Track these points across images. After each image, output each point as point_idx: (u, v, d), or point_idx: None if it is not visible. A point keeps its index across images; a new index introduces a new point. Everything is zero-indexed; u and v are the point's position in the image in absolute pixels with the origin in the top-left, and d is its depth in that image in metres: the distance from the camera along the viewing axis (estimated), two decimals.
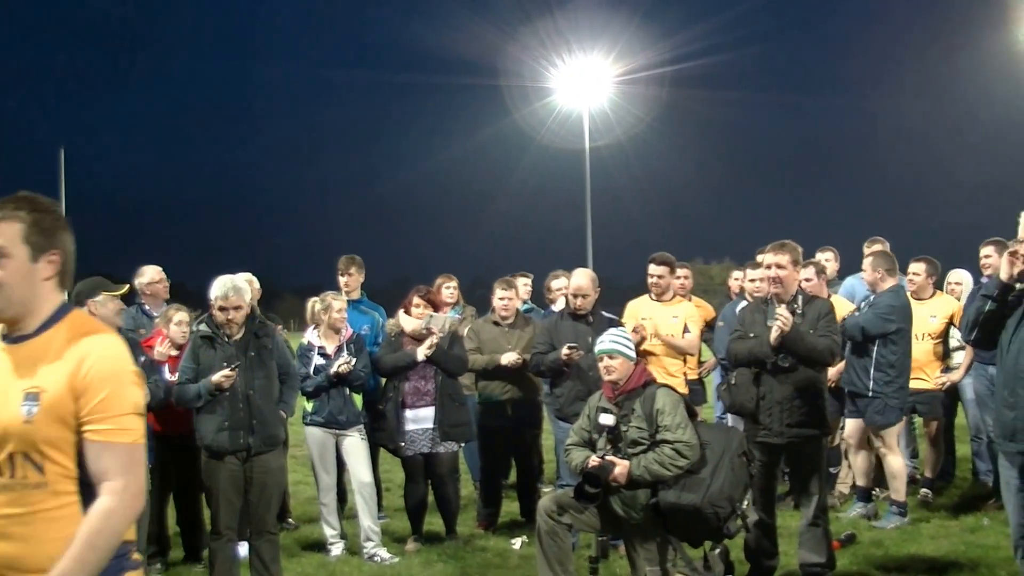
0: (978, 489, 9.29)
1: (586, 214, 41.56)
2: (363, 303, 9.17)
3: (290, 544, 8.16)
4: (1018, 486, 5.52)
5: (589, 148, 41.95)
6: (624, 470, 6.08)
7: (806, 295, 6.92)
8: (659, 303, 8.46)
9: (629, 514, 6.19)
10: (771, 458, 6.79)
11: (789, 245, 6.83)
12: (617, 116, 45.55)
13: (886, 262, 8.49)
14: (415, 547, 8.08)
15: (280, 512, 8.00)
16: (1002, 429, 5.51)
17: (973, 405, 9.07)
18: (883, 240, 9.79)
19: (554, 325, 8.14)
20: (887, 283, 8.36)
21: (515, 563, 7.58)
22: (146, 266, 8.51)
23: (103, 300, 6.31)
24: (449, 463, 8.22)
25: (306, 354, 8.01)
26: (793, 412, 6.61)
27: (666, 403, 6.19)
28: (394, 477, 10.13)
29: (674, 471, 6.02)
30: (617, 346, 6.39)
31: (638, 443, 6.17)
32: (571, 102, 43.22)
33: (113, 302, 6.33)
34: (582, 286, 7.91)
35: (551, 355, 7.87)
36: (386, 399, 8.17)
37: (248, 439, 6.60)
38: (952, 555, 7.30)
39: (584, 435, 6.47)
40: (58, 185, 44.54)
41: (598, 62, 43.05)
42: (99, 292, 6.31)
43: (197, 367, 6.67)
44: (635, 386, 6.33)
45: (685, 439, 6.07)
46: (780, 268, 6.75)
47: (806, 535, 6.77)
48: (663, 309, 8.40)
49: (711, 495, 6.00)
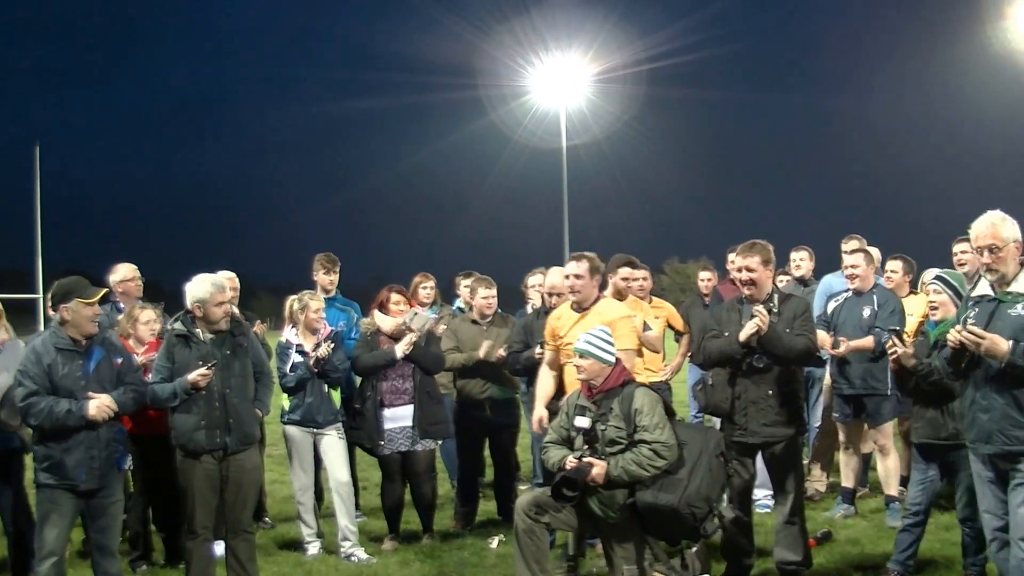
0: (953, 487, 9.31)
1: (563, 213, 41.62)
2: (338, 300, 9.15)
3: (266, 543, 8.13)
4: (990, 478, 5.65)
5: (566, 147, 42.03)
6: (601, 471, 6.07)
7: (781, 294, 6.94)
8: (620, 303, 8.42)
9: (606, 513, 6.19)
10: (747, 457, 6.82)
11: (758, 245, 6.84)
12: (594, 115, 45.65)
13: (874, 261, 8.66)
14: (392, 546, 8.07)
15: (256, 511, 7.96)
16: (977, 433, 5.60)
17: None
18: (860, 238, 9.81)
19: (530, 323, 8.14)
20: (871, 282, 8.46)
21: (492, 562, 7.58)
22: (119, 264, 8.46)
23: (74, 306, 6.17)
24: (426, 462, 8.22)
25: (285, 352, 7.98)
26: (768, 412, 6.64)
27: (644, 403, 6.19)
28: (371, 476, 10.10)
29: (652, 471, 6.02)
30: (589, 347, 6.35)
31: (616, 443, 6.16)
32: (548, 101, 43.25)
33: (87, 308, 6.19)
34: (557, 284, 7.89)
35: (526, 353, 7.89)
36: (364, 398, 8.15)
37: (224, 438, 6.57)
38: (927, 553, 7.32)
39: (562, 433, 6.46)
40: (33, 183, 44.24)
41: (575, 61, 43.12)
42: (71, 298, 6.17)
43: (172, 366, 6.61)
44: (613, 385, 6.32)
45: (663, 439, 6.07)
46: (750, 271, 6.76)
47: (782, 533, 6.80)
48: (623, 309, 8.36)
49: (688, 496, 6.00)
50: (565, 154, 41.89)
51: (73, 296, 6.16)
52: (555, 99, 42.67)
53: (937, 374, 6.16)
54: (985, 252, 5.53)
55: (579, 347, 6.40)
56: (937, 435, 6.64)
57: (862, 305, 8.37)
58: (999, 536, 5.68)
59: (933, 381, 6.30)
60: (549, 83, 42.55)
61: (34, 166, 44.42)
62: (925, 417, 6.71)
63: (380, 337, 8.18)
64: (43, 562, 6.17)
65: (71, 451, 6.11)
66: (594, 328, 6.62)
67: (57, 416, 6.02)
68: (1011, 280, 5.51)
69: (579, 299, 7.04)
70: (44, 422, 6.03)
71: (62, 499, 6.18)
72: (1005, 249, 5.48)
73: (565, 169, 41.73)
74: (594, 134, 48.19)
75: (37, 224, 44.30)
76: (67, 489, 6.16)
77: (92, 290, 6.27)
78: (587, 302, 7.03)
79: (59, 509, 6.18)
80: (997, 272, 5.52)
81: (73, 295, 6.17)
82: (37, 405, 6.02)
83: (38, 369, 6.10)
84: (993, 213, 5.61)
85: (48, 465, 6.13)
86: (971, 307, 5.71)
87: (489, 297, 8.87)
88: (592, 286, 7.06)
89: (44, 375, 6.10)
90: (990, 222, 5.55)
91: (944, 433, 6.59)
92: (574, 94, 43.13)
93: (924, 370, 6.37)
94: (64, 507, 6.20)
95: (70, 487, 6.15)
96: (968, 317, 5.65)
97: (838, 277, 9.26)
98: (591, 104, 44.87)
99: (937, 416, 6.62)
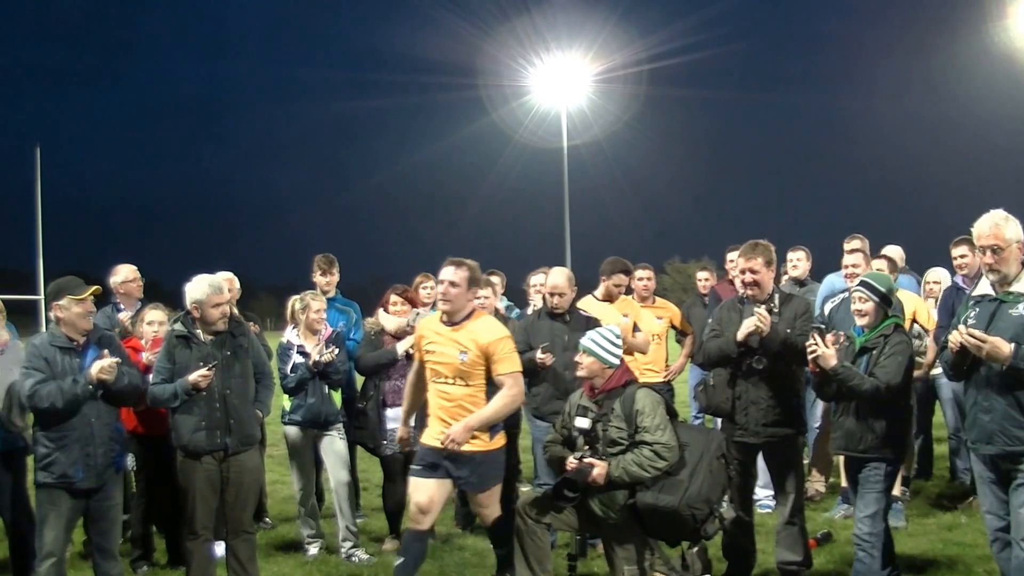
0: (955, 487, 9.34)
1: (564, 213, 41.62)
2: (337, 300, 9.13)
3: (267, 544, 8.13)
4: (991, 479, 5.64)
5: (567, 147, 42.02)
6: (602, 471, 6.07)
7: (783, 294, 6.93)
8: (608, 304, 8.45)
9: (607, 514, 6.18)
10: (748, 458, 6.81)
11: (761, 246, 6.82)
12: (595, 115, 45.60)
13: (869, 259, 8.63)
14: (393, 546, 8.05)
15: (257, 512, 7.96)
16: (979, 433, 5.59)
17: (950, 404, 9.11)
18: (862, 237, 9.80)
19: (531, 324, 8.12)
20: None
21: (493, 562, 7.54)
22: (120, 265, 8.48)
23: (66, 303, 6.24)
24: None
25: (286, 352, 7.97)
26: (768, 412, 6.64)
27: (646, 404, 6.19)
28: (372, 476, 10.10)
29: (653, 472, 6.02)
30: (593, 346, 6.36)
31: (617, 443, 6.16)
32: (549, 101, 43.24)
33: (78, 305, 6.25)
34: (558, 285, 7.89)
35: (526, 355, 7.85)
36: (367, 398, 8.15)
37: (225, 439, 6.56)
38: (929, 553, 7.33)
39: (564, 433, 6.47)
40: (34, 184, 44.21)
41: (576, 61, 43.11)
42: (63, 296, 6.24)
43: (173, 367, 6.61)
44: (615, 386, 6.33)
45: (664, 440, 6.06)
46: (754, 272, 6.75)
47: (783, 533, 6.79)
48: (611, 310, 8.38)
49: (689, 497, 6.01)
50: (566, 154, 41.91)
51: (65, 294, 6.27)
52: (556, 99, 42.65)
53: (858, 379, 6.02)
54: (987, 252, 5.52)
55: (583, 344, 6.41)
56: (855, 447, 6.24)
57: None
58: (1001, 536, 5.68)
59: (851, 387, 6.05)
60: (550, 83, 42.53)
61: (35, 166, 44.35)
62: (844, 427, 6.30)
63: (384, 337, 8.18)
64: (43, 563, 6.20)
65: (68, 449, 6.16)
66: (603, 327, 6.62)
67: (65, 390, 6.09)
68: (1012, 280, 5.50)
69: (449, 309, 6.29)
70: (56, 400, 6.07)
71: (61, 499, 6.22)
72: (1008, 250, 5.47)
73: (566, 169, 41.75)
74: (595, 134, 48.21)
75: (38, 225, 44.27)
76: (65, 488, 6.20)
77: (83, 288, 6.34)
78: (458, 315, 6.31)
79: (58, 510, 6.21)
80: (999, 272, 5.51)
81: (64, 293, 6.28)
82: (45, 387, 6.10)
83: (41, 362, 6.20)
84: (996, 213, 5.59)
85: (46, 463, 6.18)
86: (972, 307, 5.70)
87: (482, 297, 8.77)
88: (467, 298, 6.37)
89: (48, 367, 6.19)
90: (993, 222, 5.53)
91: (862, 445, 6.19)
92: (575, 94, 43.09)
93: (843, 374, 6.04)
94: (63, 507, 6.22)
95: (68, 486, 6.18)
96: (968, 317, 5.65)
97: (840, 277, 9.24)
98: (592, 104, 44.84)
99: (855, 427, 6.21)
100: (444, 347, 6.31)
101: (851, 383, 6.05)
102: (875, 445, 6.12)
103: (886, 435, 6.12)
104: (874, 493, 6.17)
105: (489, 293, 8.79)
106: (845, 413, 6.29)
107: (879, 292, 6.29)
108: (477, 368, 6.23)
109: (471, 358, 6.21)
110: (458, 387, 6.26)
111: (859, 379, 6.05)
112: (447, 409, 6.28)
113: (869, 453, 6.17)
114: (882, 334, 6.23)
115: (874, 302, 6.27)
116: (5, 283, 45.30)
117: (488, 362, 6.22)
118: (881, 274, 6.86)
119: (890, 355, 6.13)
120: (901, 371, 6.12)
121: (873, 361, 6.16)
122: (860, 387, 6.03)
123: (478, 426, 6.19)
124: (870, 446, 6.15)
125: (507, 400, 6.24)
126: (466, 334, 6.27)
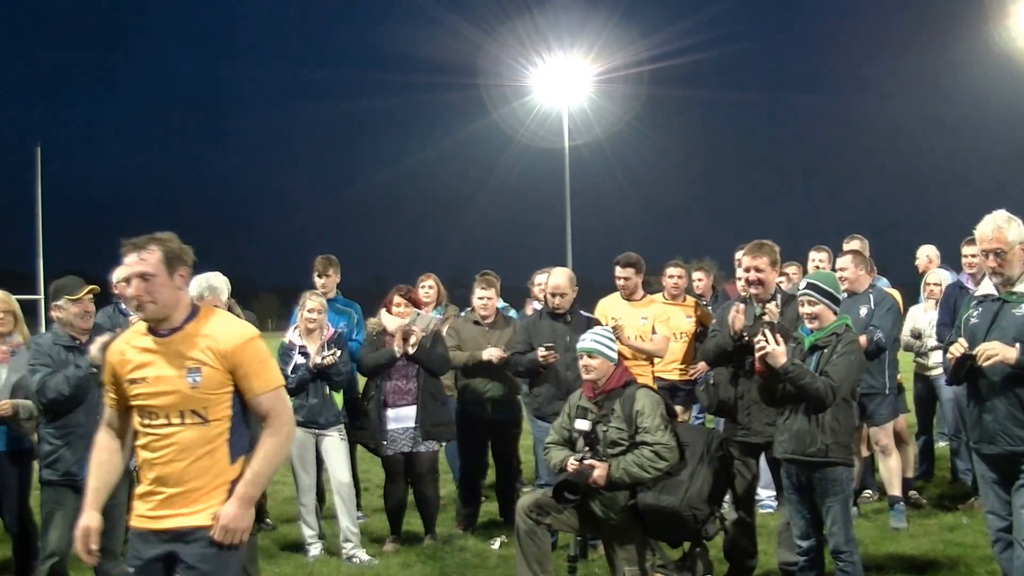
0: (957, 488, 9.33)
1: (566, 213, 41.65)
2: (338, 301, 9.11)
3: (268, 545, 8.11)
4: (994, 479, 5.62)
5: (568, 147, 42.05)
6: (603, 472, 6.07)
7: (785, 294, 6.91)
8: (629, 303, 8.47)
9: (608, 515, 6.18)
10: (750, 457, 6.79)
11: (767, 246, 6.81)
12: (596, 115, 45.67)
13: (866, 262, 8.57)
14: (394, 547, 8.06)
15: (257, 512, 7.91)
16: (981, 433, 5.57)
17: (951, 404, 9.09)
18: (861, 237, 9.78)
19: (532, 325, 8.12)
20: (866, 282, 8.40)
21: (494, 563, 7.56)
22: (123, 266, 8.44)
23: (64, 304, 6.30)
24: (429, 463, 8.19)
25: (287, 353, 7.96)
26: (771, 411, 6.59)
27: (646, 404, 6.19)
28: (373, 477, 10.09)
29: (653, 473, 6.02)
30: (598, 346, 6.38)
31: (617, 444, 6.16)
32: (550, 101, 43.30)
33: (75, 305, 6.30)
34: (559, 285, 7.89)
35: (528, 355, 7.86)
36: (368, 398, 8.14)
37: None
38: (931, 554, 7.31)
39: (564, 433, 6.47)
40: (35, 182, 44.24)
41: (577, 61, 43.18)
42: (61, 296, 6.32)
43: None
44: (615, 386, 6.33)
45: (664, 441, 6.06)
46: (759, 271, 6.74)
47: (785, 534, 6.76)
48: (632, 310, 8.40)
49: (690, 497, 6.00)
50: (567, 154, 41.95)
51: (62, 295, 6.33)
52: (557, 99, 42.70)
53: (809, 378, 5.80)
54: (991, 256, 5.49)
55: (586, 346, 6.42)
56: (804, 450, 5.94)
57: (858, 304, 8.28)
58: (1003, 537, 5.65)
59: (802, 386, 5.81)
60: (551, 83, 42.58)
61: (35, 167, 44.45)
62: (792, 429, 5.99)
63: (386, 337, 8.18)
64: (46, 562, 6.23)
65: (73, 446, 6.21)
66: (598, 328, 6.63)
67: (70, 376, 6.14)
68: (1016, 281, 5.49)
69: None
70: (63, 389, 6.12)
71: (66, 497, 6.24)
72: (1011, 252, 5.45)
73: (568, 169, 41.80)
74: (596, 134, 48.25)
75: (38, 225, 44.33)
76: (69, 486, 6.21)
77: (80, 288, 6.40)
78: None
79: (63, 508, 6.23)
80: (1003, 275, 5.49)
81: (62, 294, 6.36)
82: (53, 379, 6.16)
83: (47, 359, 6.27)
84: (998, 214, 5.56)
85: (51, 461, 6.25)
86: (974, 306, 5.68)
87: (484, 298, 8.80)
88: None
89: (53, 364, 6.25)
90: (995, 225, 5.50)
91: (813, 448, 5.90)
92: (576, 94, 43.14)
93: (795, 372, 5.81)
94: (68, 506, 6.22)
95: (72, 483, 6.19)
96: (971, 317, 5.63)
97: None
98: (593, 104, 44.90)
99: (805, 428, 5.92)
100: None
101: (802, 382, 5.80)
102: (829, 447, 5.87)
103: (839, 437, 5.93)
104: (838, 502, 5.94)
105: (492, 293, 8.79)
106: (793, 414, 6.00)
107: (827, 293, 6.12)
108: None
109: None
110: None
111: (811, 377, 5.82)
112: None
113: (820, 456, 5.89)
114: (834, 332, 6.05)
115: (824, 304, 6.08)
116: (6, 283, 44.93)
117: None
118: (826, 273, 6.83)
119: (843, 354, 5.95)
120: (853, 371, 6.00)
121: (825, 360, 5.97)
122: (812, 386, 5.79)
123: None
124: (821, 449, 5.89)
125: None
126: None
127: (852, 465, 6.18)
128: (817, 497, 5.98)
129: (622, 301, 8.50)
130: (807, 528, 6.12)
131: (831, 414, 5.90)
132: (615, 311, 8.40)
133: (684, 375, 9.12)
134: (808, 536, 6.12)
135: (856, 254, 8.62)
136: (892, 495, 8.36)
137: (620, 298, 8.53)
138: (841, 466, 5.95)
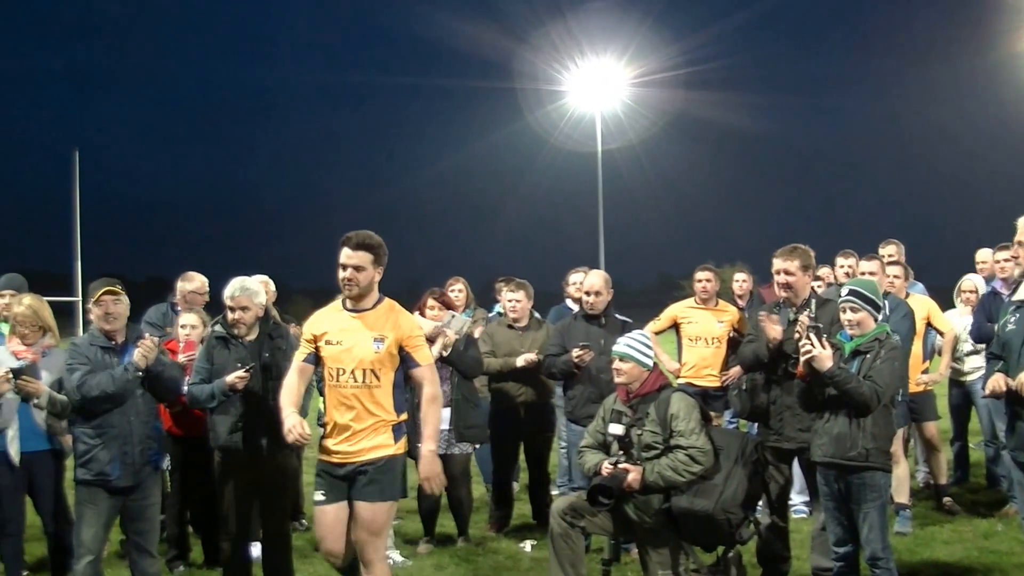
0: (992, 494, 9.26)
1: (598, 217, 41.66)
2: None
3: (302, 545, 8.15)
4: None
5: (601, 151, 42.11)
6: (637, 476, 6.08)
7: (819, 298, 6.89)
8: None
9: (642, 518, 6.19)
10: (783, 463, 6.78)
11: (799, 250, 6.80)
12: (630, 119, 45.79)
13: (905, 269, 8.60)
14: (427, 549, 8.09)
15: (293, 513, 7.99)
16: (1018, 440, 5.52)
17: (986, 410, 9.03)
18: (897, 242, 9.72)
19: (567, 327, 8.14)
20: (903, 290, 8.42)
21: (527, 566, 7.58)
22: (195, 273, 8.62)
23: (92, 306, 6.40)
24: (462, 465, 8.22)
25: None
26: (803, 417, 6.55)
27: (680, 408, 6.19)
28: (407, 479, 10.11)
29: (688, 477, 6.02)
30: (630, 351, 6.39)
31: (651, 447, 6.17)
32: (584, 105, 43.41)
33: (96, 307, 6.39)
34: (595, 285, 7.93)
35: (563, 357, 7.87)
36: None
37: (261, 440, 6.61)
38: (966, 561, 7.27)
39: (599, 437, 6.49)
40: (72, 186, 44.75)
41: (611, 65, 43.32)
42: (90, 299, 6.43)
43: (211, 367, 6.69)
44: (650, 390, 6.34)
45: (699, 445, 6.07)
46: (788, 274, 6.73)
47: (818, 539, 6.75)
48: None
49: (724, 501, 6.00)
50: (600, 158, 41.98)
51: (91, 297, 6.36)
52: (591, 103, 42.75)
53: (855, 382, 5.79)
54: None
55: (619, 350, 6.43)
56: (844, 453, 5.93)
57: None
58: None
59: (848, 390, 5.81)
60: (585, 87, 42.62)
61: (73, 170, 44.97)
62: (832, 433, 5.98)
63: None
64: (80, 560, 6.25)
65: (106, 446, 6.21)
66: (634, 332, 6.66)
67: (116, 377, 6.16)
68: None
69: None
70: (107, 387, 6.13)
71: (98, 497, 6.26)
72: None
73: (600, 173, 41.82)
74: (629, 138, 48.33)
75: (76, 228, 44.84)
76: (102, 486, 6.24)
77: (97, 290, 6.41)
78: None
79: (95, 508, 6.26)
80: None
81: (91, 296, 6.39)
82: (95, 377, 6.17)
83: (83, 359, 6.29)
84: None
85: (85, 460, 6.24)
86: (1012, 312, 5.65)
87: (513, 300, 8.80)
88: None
89: (91, 363, 6.27)
90: None
91: (853, 451, 5.90)
92: (610, 98, 43.18)
93: (841, 376, 5.82)
94: (100, 506, 6.27)
95: (105, 483, 6.23)
96: (1009, 323, 5.61)
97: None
98: (627, 108, 44.99)
99: (846, 432, 5.92)
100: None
101: (848, 386, 5.81)
102: (870, 452, 5.87)
103: (880, 442, 5.93)
104: (875, 508, 5.93)
105: (521, 296, 8.81)
106: (833, 418, 5.99)
107: (869, 300, 6.10)
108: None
109: None
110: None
111: (857, 382, 5.82)
112: None
113: (860, 460, 5.88)
114: (876, 338, 6.05)
115: (866, 311, 6.06)
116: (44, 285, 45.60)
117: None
118: (868, 280, 6.79)
119: (886, 359, 5.94)
120: (896, 377, 6.01)
121: (868, 365, 5.96)
122: (858, 390, 5.78)
123: None
124: (862, 453, 5.88)
125: None
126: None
127: (890, 471, 6.16)
128: (853, 503, 5.97)
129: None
130: (844, 535, 6.10)
131: (872, 419, 5.88)
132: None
133: (716, 381, 9.10)
134: (845, 543, 6.11)
135: (895, 263, 8.62)
136: (898, 502, 8.30)
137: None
138: (880, 471, 5.93)
